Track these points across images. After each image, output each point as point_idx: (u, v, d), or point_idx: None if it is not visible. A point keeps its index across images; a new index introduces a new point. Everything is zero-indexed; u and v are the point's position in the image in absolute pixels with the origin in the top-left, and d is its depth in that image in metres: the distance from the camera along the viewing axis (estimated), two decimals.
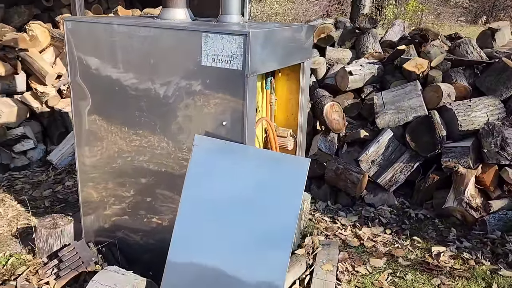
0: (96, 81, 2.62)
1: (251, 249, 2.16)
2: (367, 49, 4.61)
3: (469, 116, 3.71)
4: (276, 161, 2.20)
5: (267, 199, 2.18)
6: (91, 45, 2.56)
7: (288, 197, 2.16)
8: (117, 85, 2.54)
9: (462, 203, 3.45)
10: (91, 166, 2.82)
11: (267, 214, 2.17)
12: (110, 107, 2.62)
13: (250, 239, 2.17)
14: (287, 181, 2.17)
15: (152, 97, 2.44)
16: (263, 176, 2.20)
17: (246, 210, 2.19)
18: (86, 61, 2.61)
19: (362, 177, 3.81)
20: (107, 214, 2.86)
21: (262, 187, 2.19)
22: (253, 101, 2.23)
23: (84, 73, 2.64)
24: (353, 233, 3.49)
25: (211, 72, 2.22)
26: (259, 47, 2.16)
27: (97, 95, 2.64)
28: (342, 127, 4.08)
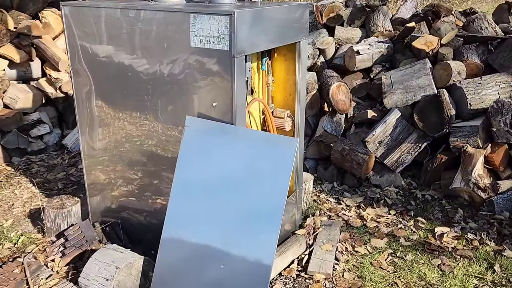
0: (94, 65, 2.68)
1: (240, 228, 2.19)
2: (376, 27, 4.50)
3: (479, 94, 3.60)
4: (265, 142, 2.21)
5: (256, 179, 2.20)
6: (87, 29, 2.61)
7: (277, 176, 2.17)
8: (114, 68, 2.59)
9: (470, 184, 3.37)
10: (94, 149, 2.90)
11: (256, 194, 2.19)
12: (110, 90, 2.68)
13: (240, 218, 2.20)
14: (275, 161, 2.18)
15: (148, 79, 2.48)
16: (252, 157, 2.21)
17: (236, 190, 2.22)
18: (85, 45, 2.66)
19: (368, 158, 3.77)
20: (112, 196, 2.94)
21: (251, 167, 2.21)
22: (242, 82, 2.24)
23: (83, 58, 2.70)
24: (357, 214, 3.47)
25: (200, 53, 2.23)
26: (246, 27, 2.15)
27: (96, 79, 2.70)
28: (349, 107, 4.03)
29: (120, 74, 2.58)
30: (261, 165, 2.20)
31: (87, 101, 2.80)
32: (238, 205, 2.21)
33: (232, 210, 2.22)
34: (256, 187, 2.19)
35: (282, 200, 2.16)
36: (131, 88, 2.57)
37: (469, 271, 2.72)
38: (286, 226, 3.11)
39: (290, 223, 3.14)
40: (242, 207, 2.21)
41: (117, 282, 2.31)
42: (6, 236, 3.14)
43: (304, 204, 3.44)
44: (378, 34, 4.47)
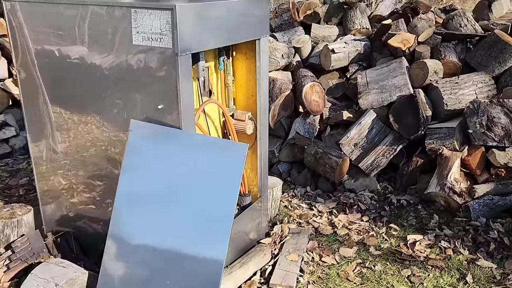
0: (40, 65, 2.49)
1: (187, 240, 2.03)
2: (353, 25, 4.34)
3: (456, 95, 3.45)
4: (213, 147, 2.04)
5: (204, 187, 2.03)
6: (30, 26, 2.42)
7: (226, 183, 2.00)
8: (60, 68, 2.41)
9: (445, 188, 3.22)
10: (45, 154, 2.71)
11: (204, 203, 2.02)
12: (57, 92, 2.50)
13: (187, 229, 2.03)
14: (225, 167, 2.01)
15: (94, 80, 2.30)
16: (200, 163, 2.04)
17: (183, 199, 2.05)
18: (29, 44, 2.48)
19: (342, 161, 3.61)
20: (67, 204, 2.76)
21: (199, 174, 2.04)
22: (189, 83, 2.06)
23: (29, 57, 2.51)
24: (329, 220, 3.31)
25: (142, 51, 2.06)
26: (191, 22, 1.98)
27: (43, 80, 2.51)
28: (322, 108, 3.87)
29: (66, 75, 2.40)
30: (209, 172, 2.03)
31: (35, 103, 2.62)
32: (185, 215, 2.04)
33: (179, 220, 2.05)
34: (204, 195, 2.03)
35: (231, 209, 1.99)
36: (78, 90, 2.39)
37: (439, 283, 2.56)
38: (251, 234, 2.94)
39: (256, 231, 2.97)
40: (189, 218, 2.04)
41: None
42: None
43: (272, 210, 3.27)
44: (355, 32, 4.31)
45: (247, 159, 2.89)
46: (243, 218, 2.79)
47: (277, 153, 3.98)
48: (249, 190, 2.90)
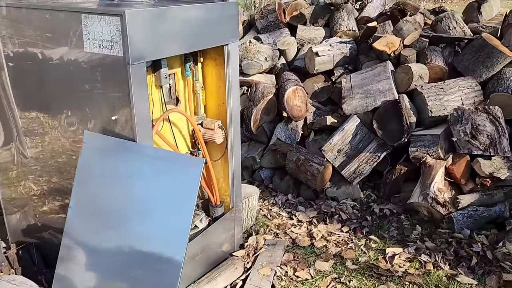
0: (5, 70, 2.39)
1: (142, 258, 1.91)
2: (340, 26, 4.21)
3: (440, 100, 3.32)
4: (169, 161, 1.93)
5: (159, 202, 1.92)
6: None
7: (181, 199, 1.88)
8: (23, 73, 2.30)
9: (428, 198, 3.09)
10: (15, 159, 2.61)
11: (159, 219, 1.91)
12: (21, 97, 2.39)
13: (142, 247, 1.92)
14: (180, 182, 1.89)
15: (51, 86, 2.19)
16: (155, 177, 1.93)
17: (138, 215, 1.94)
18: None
19: (323, 168, 3.48)
20: (33, 212, 2.66)
21: (155, 189, 1.93)
22: (143, 93, 1.95)
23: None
24: (307, 231, 3.20)
25: (95, 59, 1.95)
26: (143, 29, 1.86)
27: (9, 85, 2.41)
28: (304, 114, 3.75)
29: (29, 79, 2.29)
30: (163, 187, 1.92)
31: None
32: (138, 232, 1.93)
33: (134, 238, 1.94)
34: (159, 211, 1.91)
35: (186, 226, 1.88)
36: (41, 95, 2.28)
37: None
38: (224, 246, 2.83)
39: (229, 243, 2.86)
40: (145, 234, 1.93)
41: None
42: None
43: (248, 221, 3.16)
44: (341, 34, 4.18)
45: (219, 169, 2.78)
46: (214, 230, 2.68)
47: (259, 159, 3.87)
48: (221, 201, 2.80)
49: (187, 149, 2.61)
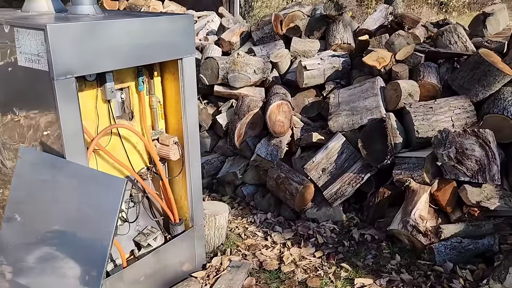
0: None
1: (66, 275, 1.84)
2: (334, 39, 4.05)
3: (428, 121, 3.09)
4: (92, 180, 1.85)
5: (82, 221, 1.84)
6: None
7: (103, 219, 1.80)
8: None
9: (407, 226, 2.87)
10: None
11: (82, 239, 1.84)
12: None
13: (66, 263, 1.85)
14: (102, 202, 1.81)
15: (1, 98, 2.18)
16: (80, 196, 1.86)
17: (62, 235, 1.87)
18: None
19: (303, 188, 3.32)
20: None
21: (79, 208, 1.85)
22: (73, 108, 1.88)
23: None
24: (279, 253, 3.04)
25: (27, 73, 1.91)
26: (70, 43, 1.80)
27: None
28: (287, 130, 3.60)
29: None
30: (88, 206, 1.84)
31: None
32: (64, 248, 1.86)
33: (58, 254, 1.87)
34: (81, 231, 1.84)
35: (106, 244, 1.79)
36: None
37: None
38: (184, 266, 2.73)
39: (191, 262, 2.76)
40: (68, 251, 1.85)
41: None
42: None
43: (216, 240, 3.05)
44: (335, 47, 4.01)
45: (180, 186, 2.68)
46: (169, 249, 2.59)
47: (240, 175, 3.75)
48: (181, 218, 2.70)
49: (143, 164, 2.54)
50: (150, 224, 2.68)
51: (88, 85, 2.12)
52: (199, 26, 5.18)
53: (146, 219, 2.66)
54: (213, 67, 3.87)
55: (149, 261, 2.48)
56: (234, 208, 3.69)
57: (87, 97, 2.14)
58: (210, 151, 4.09)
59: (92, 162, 2.21)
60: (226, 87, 3.92)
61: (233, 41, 4.54)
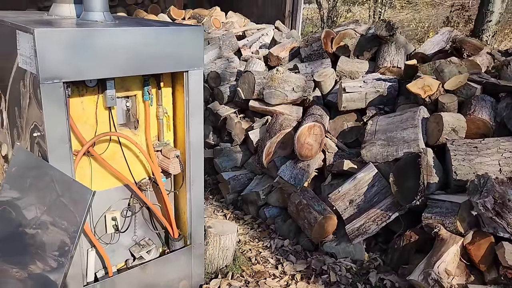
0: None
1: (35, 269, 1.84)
2: (384, 61, 3.75)
3: (470, 162, 2.70)
4: (65, 186, 1.82)
5: (51, 225, 1.83)
6: None
7: (68, 226, 1.77)
8: None
9: (428, 279, 2.51)
10: (2, 164, 2.78)
11: (49, 241, 1.82)
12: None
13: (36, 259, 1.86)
14: (71, 208, 1.78)
15: (7, 96, 2.28)
16: (54, 199, 1.85)
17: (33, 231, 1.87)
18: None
19: (323, 218, 3.08)
20: None
21: (51, 209, 1.84)
22: (59, 113, 1.88)
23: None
24: (285, 285, 2.83)
25: (24, 75, 1.95)
26: (58, 48, 1.79)
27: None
28: (314, 154, 3.37)
29: None
30: (59, 208, 1.82)
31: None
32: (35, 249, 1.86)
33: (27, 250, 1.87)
34: (48, 238, 1.82)
35: (66, 256, 1.75)
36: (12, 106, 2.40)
37: None
38: (180, 283, 2.64)
39: (186, 280, 2.66)
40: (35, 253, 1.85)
41: None
42: None
43: (220, 261, 2.91)
44: (384, 70, 3.71)
45: (183, 201, 2.60)
46: (163, 263, 2.52)
47: (263, 196, 3.58)
48: (181, 234, 2.62)
49: (145, 175, 2.49)
50: (150, 236, 2.63)
51: (89, 91, 2.13)
52: (254, 39, 5.13)
53: (146, 230, 2.61)
54: (250, 82, 3.77)
55: (139, 273, 2.42)
56: (253, 229, 3.54)
57: (87, 103, 2.14)
58: (240, 166, 3.98)
59: (87, 167, 2.21)
60: (262, 102, 3.80)
61: (281, 56, 4.41)
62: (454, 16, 11.59)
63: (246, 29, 5.57)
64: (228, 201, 3.86)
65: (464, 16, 11.92)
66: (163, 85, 2.38)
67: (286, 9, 6.23)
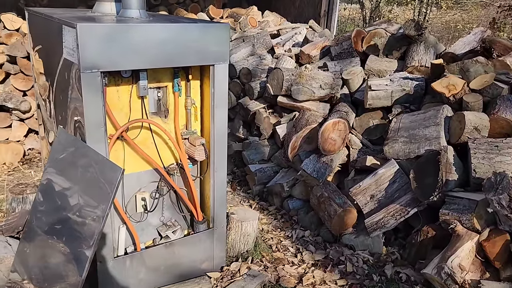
0: (38, 69, 2.86)
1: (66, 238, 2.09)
2: (412, 61, 3.78)
3: (490, 160, 2.71)
4: (98, 165, 2.05)
5: (86, 199, 2.06)
6: (32, 34, 2.81)
7: (100, 202, 1.99)
8: (43, 71, 2.73)
9: (442, 273, 2.56)
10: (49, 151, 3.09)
11: (82, 215, 2.05)
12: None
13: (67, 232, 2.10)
14: (102, 186, 2.00)
15: (55, 87, 2.55)
16: (87, 176, 2.08)
17: (71, 205, 2.11)
18: (34, 47, 2.87)
19: (342, 211, 3.18)
20: None
21: (86, 187, 2.07)
22: (96, 100, 2.11)
23: (34, 61, 2.92)
24: (302, 273, 2.95)
25: (67, 64, 2.20)
26: (98, 41, 2.02)
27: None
28: (337, 149, 3.46)
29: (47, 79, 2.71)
30: (94, 186, 2.05)
31: (40, 102, 3.01)
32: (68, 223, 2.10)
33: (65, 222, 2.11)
34: (84, 210, 2.05)
35: (97, 228, 1.97)
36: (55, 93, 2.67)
37: None
38: (203, 264, 2.83)
39: (208, 262, 2.84)
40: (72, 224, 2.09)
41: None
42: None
43: (241, 245, 3.08)
44: (412, 69, 3.74)
45: (207, 186, 2.79)
46: (187, 243, 2.71)
47: (287, 188, 3.71)
48: (205, 217, 2.80)
49: (173, 160, 2.69)
50: (177, 218, 2.83)
51: (124, 81, 2.35)
52: (287, 37, 5.26)
53: (173, 212, 2.82)
54: (279, 78, 3.91)
55: (164, 251, 2.63)
56: (276, 219, 3.68)
57: (122, 92, 2.37)
58: (268, 160, 4.13)
59: (120, 151, 2.43)
60: (290, 98, 3.93)
61: (312, 54, 4.52)
62: (501, 17, 11.18)
63: (281, 28, 5.71)
64: (254, 192, 4.03)
65: (509, 16, 11.49)
66: (192, 77, 2.57)
67: (322, 9, 6.31)
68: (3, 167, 4.47)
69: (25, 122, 4.99)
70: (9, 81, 5.08)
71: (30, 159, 4.77)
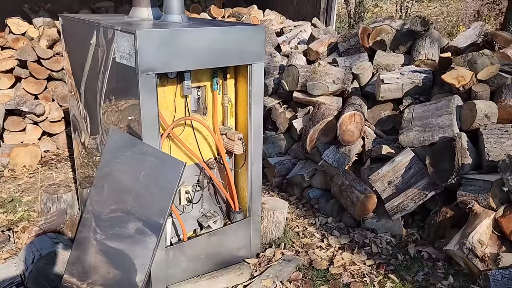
0: (70, 71, 3.00)
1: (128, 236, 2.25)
2: (419, 55, 4.02)
3: (502, 144, 2.96)
4: (160, 160, 2.22)
5: (147, 194, 2.22)
6: (68, 38, 2.95)
7: (161, 195, 2.16)
8: (75, 77, 2.87)
9: (463, 249, 2.80)
10: (80, 148, 3.23)
11: (145, 209, 2.22)
12: (81, 96, 2.98)
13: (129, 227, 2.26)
14: (165, 179, 2.17)
15: (93, 88, 2.70)
16: (148, 172, 2.24)
17: (131, 200, 2.27)
18: (67, 52, 3.01)
19: (364, 197, 3.40)
20: None
21: (147, 182, 2.24)
22: (152, 100, 2.27)
23: (67, 64, 3.06)
24: (331, 255, 3.16)
25: (120, 68, 2.35)
26: (153, 46, 2.18)
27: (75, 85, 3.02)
28: (355, 140, 3.68)
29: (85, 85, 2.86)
30: (153, 181, 2.22)
31: (72, 105, 3.15)
32: (129, 216, 2.26)
33: (126, 216, 2.28)
34: (146, 202, 2.22)
35: (161, 219, 2.15)
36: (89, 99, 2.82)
37: None
38: (241, 251, 3.02)
39: (245, 249, 3.03)
40: (134, 218, 2.25)
41: (36, 268, 2.55)
42: (16, 210, 3.68)
43: (273, 233, 3.28)
44: (419, 63, 3.98)
45: (243, 178, 2.97)
46: (227, 232, 2.89)
47: (308, 178, 3.92)
48: (241, 208, 2.98)
49: (211, 155, 2.87)
50: (214, 209, 3.01)
51: (170, 82, 2.52)
52: (292, 35, 5.46)
53: (211, 204, 3.00)
54: (294, 74, 4.11)
55: (207, 240, 2.80)
56: (298, 208, 3.89)
57: (168, 92, 2.54)
58: (284, 153, 4.33)
59: (166, 147, 2.60)
60: (305, 94, 4.13)
61: (320, 51, 4.73)
62: (485, 10, 11.59)
63: (284, 26, 5.91)
64: (273, 184, 4.22)
65: (495, 9, 11.91)
66: (229, 76, 2.75)
67: (320, 7, 6.53)
68: (23, 169, 4.57)
69: (39, 125, 5.09)
70: (20, 85, 5.17)
71: (47, 161, 4.88)
